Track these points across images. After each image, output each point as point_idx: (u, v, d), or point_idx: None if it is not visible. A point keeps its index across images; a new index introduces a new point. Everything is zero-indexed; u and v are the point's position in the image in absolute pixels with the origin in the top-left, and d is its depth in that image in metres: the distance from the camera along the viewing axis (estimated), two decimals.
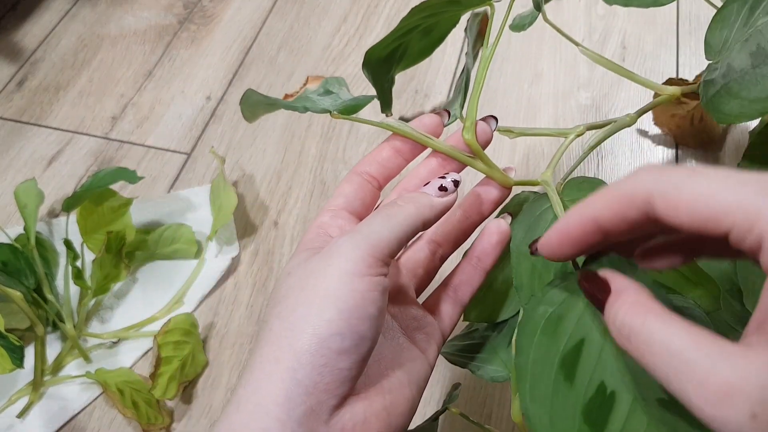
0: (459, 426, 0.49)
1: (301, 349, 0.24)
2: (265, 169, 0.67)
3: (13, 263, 0.55)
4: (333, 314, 0.24)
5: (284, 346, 0.24)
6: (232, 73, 0.76)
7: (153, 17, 0.83)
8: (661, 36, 0.72)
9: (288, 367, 0.24)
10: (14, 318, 0.54)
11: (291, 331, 0.24)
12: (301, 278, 0.26)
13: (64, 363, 0.55)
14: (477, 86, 0.31)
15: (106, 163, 0.69)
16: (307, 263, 0.26)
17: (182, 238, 0.60)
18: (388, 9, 0.80)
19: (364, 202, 0.31)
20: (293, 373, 0.23)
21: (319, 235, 0.29)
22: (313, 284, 0.25)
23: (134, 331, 0.56)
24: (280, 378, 0.24)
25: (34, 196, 0.58)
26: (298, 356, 0.24)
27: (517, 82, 0.70)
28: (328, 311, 0.24)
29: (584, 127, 0.37)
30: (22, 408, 0.53)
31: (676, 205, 0.19)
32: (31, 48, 0.81)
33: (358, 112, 0.35)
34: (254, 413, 0.23)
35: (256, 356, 0.25)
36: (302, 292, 0.25)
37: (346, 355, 0.24)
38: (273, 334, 0.25)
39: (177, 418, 0.52)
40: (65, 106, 0.74)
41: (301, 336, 0.24)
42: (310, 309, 0.24)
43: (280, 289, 0.27)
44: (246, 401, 0.24)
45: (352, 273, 0.25)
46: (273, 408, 0.23)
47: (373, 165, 0.32)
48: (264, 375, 0.24)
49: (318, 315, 0.24)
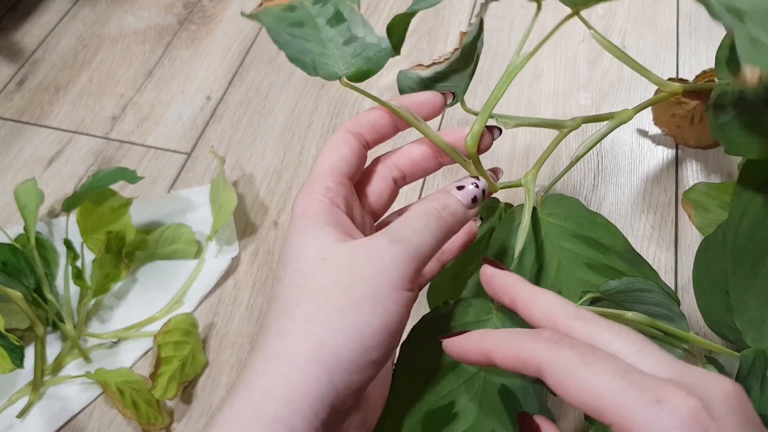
0: None
1: (342, 355, 0.23)
2: (265, 169, 0.67)
3: (13, 263, 0.55)
4: (380, 326, 0.24)
5: (326, 348, 0.24)
6: (232, 73, 0.76)
7: (153, 17, 0.83)
8: (661, 36, 0.72)
9: (326, 369, 0.23)
10: (14, 318, 0.54)
11: (334, 332, 0.24)
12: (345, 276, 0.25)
13: (64, 363, 0.55)
14: (494, 97, 0.30)
15: (106, 163, 0.69)
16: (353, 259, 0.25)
17: (182, 238, 0.60)
18: (388, 9, 0.80)
19: (359, 168, 0.31)
20: (330, 375, 0.23)
21: (332, 206, 0.27)
22: (363, 290, 0.24)
23: (134, 331, 0.56)
24: (316, 378, 0.23)
25: (34, 196, 0.58)
26: (339, 361, 0.23)
27: (517, 82, 0.70)
28: (375, 324, 0.24)
29: (581, 119, 0.36)
30: (22, 408, 0.53)
31: (565, 388, 0.21)
32: (31, 48, 0.81)
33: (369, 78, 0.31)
34: (282, 406, 0.23)
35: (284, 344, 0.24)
36: (348, 294, 0.24)
37: (377, 366, 0.25)
38: (310, 327, 0.24)
39: (177, 418, 0.52)
40: (65, 106, 0.74)
41: (346, 343, 0.24)
42: (357, 317, 0.24)
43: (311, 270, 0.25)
44: (275, 394, 0.23)
45: (400, 287, 0.25)
46: (304, 408, 0.23)
47: (366, 127, 0.31)
48: (298, 370, 0.23)
49: (367, 325, 0.24)
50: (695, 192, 0.57)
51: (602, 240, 0.36)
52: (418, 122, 0.30)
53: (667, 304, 0.32)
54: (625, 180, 0.61)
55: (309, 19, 0.32)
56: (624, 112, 0.37)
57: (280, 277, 0.26)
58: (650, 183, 0.61)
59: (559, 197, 0.37)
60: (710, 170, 0.61)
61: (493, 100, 0.30)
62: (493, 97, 0.30)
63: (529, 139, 0.65)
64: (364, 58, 0.31)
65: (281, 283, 0.26)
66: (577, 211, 0.36)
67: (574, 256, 0.35)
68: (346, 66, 0.31)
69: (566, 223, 0.35)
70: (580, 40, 0.73)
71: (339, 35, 0.31)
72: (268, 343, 0.24)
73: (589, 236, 0.36)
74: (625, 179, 0.61)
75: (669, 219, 0.58)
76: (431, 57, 0.73)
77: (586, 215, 0.36)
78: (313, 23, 0.32)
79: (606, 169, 0.62)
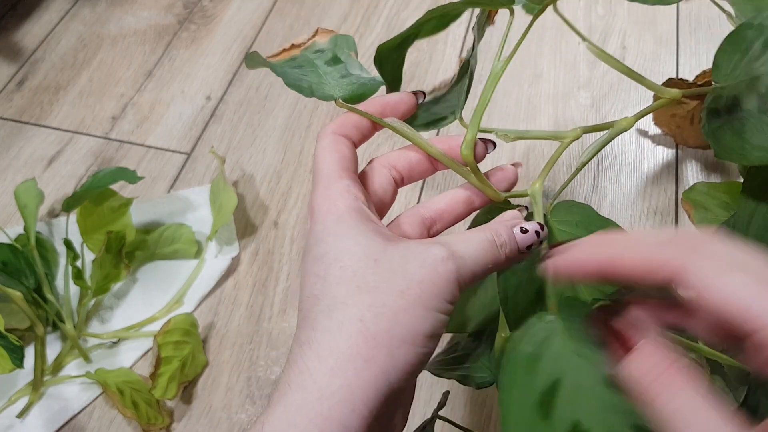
0: None
1: (397, 355, 0.24)
2: (265, 169, 0.67)
3: (13, 263, 0.55)
4: (428, 330, 0.24)
5: (381, 346, 0.24)
6: (232, 73, 0.76)
7: (153, 17, 0.83)
8: (661, 36, 0.72)
9: (383, 369, 0.24)
10: (14, 318, 0.54)
11: (388, 333, 0.24)
12: (399, 279, 0.25)
13: (64, 363, 0.55)
14: (482, 103, 0.31)
15: (106, 163, 0.69)
16: (405, 261, 0.25)
17: (182, 238, 0.60)
18: (388, 9, 0.80)
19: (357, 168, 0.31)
20: (386, 376, 0.24)
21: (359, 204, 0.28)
22: (416, 294, 0.25)
23: (134, 331, 0.56)
24: (373, 377, 0.23)
25: (34, 196, 0.58)
26: (394, 360, 0.24)
27: (517, 82, 0.70)
28: (425, 327, 0.24)
29: (581, 129, 0.36)
30: (22, 408, 0.53)
31: (708, 293, 0.20)
32: (31, 48, 0.81)
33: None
34: (340, 406, 0.23)
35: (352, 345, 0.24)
36: (402, 296, 0.25)
37: (422, 366, 0.25)
38: (366, 326, 0.24)
39: (177, 418, 0.52)
40: (65, 106, 0.74)
41: (400, 344, 0.24)
42: (411, 320, 0.24)
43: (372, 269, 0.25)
44: (331, 395, 0.23)
45: (445, 300, 0.25)
46: (361, 406, 0.23)
47: (351, 129, 0.31)
48: (356, 373, 0.23)
49: (418, 328, 0.24)
50: (695, 192, 0.57)
51: None
52: (413, 135, 0.31)
53: None
54: (625, 180, 0.61)
55: (308, 62, 0.35)
56: (624, 120, 0.37)
57: (323, 275, 0.26)
58: (650, 183, 0.61)
59: (570, 204, 0.36)
60: (710, 170, 0.61)
61: (480, 107, 0.31)
62: (481, 105, 0.31)
63: (529, 141, 0.65)
64: (359, 84, 0.33)
65: (326, 281, 0.26)
66: (588, 217, 0.36)
67: None
68: (342, 90, 0.33)
69: (577, 231, 0.35)
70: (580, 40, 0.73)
71: (336, 72, 0.34)
72: (317, 340, 0.24)
73: None
74: (625, 179, 0.61)
75: (669, 219, 0.58)
76: (428, 68, 0.73)
77: (598, 222, 0.36)
78: (312, 64, 0.35)
79: (606, 169, 0.62)
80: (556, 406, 0.26)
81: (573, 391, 0.27)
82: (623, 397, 0.26)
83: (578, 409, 0.26)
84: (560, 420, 0.26)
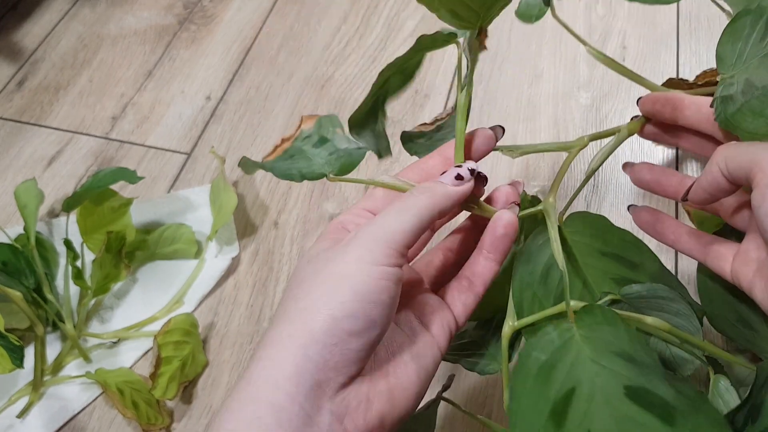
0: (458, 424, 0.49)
1: (314, 328, 0.25)
2: None
3: (13, 263, 0.55)
4: (348, 297, 0.25)
5: (298, 325, 0.25)
6: (232, 73, 0.76)
7: (153, 17, 0.83)
8: (661, 36, 0.72)
9: (300, 344, 0.24)
10: (14, 318, 0.54)
11: (306, 311, 0.25)
12: (319, 265, 0.27)
13: (64, 363, 0.55)
14: (459, 135, 0.31)
15: (106, 163, 0.69)
16: (326, 252, 0.27)
17: (182, 238, 0.60)
18: (388, 9, 0.80)
19: None
20: (305, 350, 0.24)
21: (338, 230, 0.30)
22: (331, 270, 0.26)
23: (134, 331, 0.56)
24: (291, 353, 0.24)
25: (34, 196, 0.58)
26: (311, 334, 0.25)
27: (517, 82, 0.70)
28: (344, 294, 0.25)
29: (587, 138, 0.37)
30: (22, 408, 0.53)
31: None
32: (31, 48, 0.81)
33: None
34: (264, 386, 0.24)
35: (270, 334, 0.26)
36: (318, 276, 0.26)
37: (357, 337, 0.25)
38: (288, 315, 0.26)
39: (177, 418, 0.52)
40: (65, 106, 0.74)
41: (316, 315, 0.25)
42: (326, 291, 0.25)
43: (298, 274, 0.27)
44: (257, 376, 0.25)
45: (368, 262, 0.26)
46: (283, 382, 0.24)
47: (415, 172, 0.32)
48: (276, 351, 0.25)
49: (333, 297, 0.25)
50: None
51: (630, 257, 0.35)
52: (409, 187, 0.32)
53: (688, 315, 0.32)
54: (625, 180, 0.61)
55: (298, 150, 0.38)
56: (632, 124, 0.37)
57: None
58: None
59: (584, 215, 0.36)
60: None
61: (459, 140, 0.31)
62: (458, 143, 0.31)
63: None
64: (346, 156, 0.36)
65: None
66: (603, 228, 0.36)
67: (602, 273, 0.35)
68: (330, 166, 0.36)
69: (592, 241, 0.35)
70: None
71: (324, 151, 0.37)
72: (265, 337, 0.26)
73: (617, 253, 0.35)
74: (625, 179, 0.61)
75: None
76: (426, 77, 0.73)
77: (614, 232, 0.36)
78: (301, 152, 0.38)
79: (606, 169, 0.62)
80: (569, 415, 0.26)
81: (588, 401, 0.26)
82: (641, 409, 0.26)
83: (592, 420, 0.26)
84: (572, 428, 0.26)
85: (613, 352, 0.27)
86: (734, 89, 0.31)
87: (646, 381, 0.26)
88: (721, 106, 0.31)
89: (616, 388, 0.26)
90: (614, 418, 0.26)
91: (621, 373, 0.27)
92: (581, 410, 0.26)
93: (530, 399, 0.27)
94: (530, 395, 0.27)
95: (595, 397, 0.26)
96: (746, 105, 0.30)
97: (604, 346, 0.27)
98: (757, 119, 0.29)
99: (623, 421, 0.25)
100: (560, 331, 0.29)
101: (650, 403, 0.26)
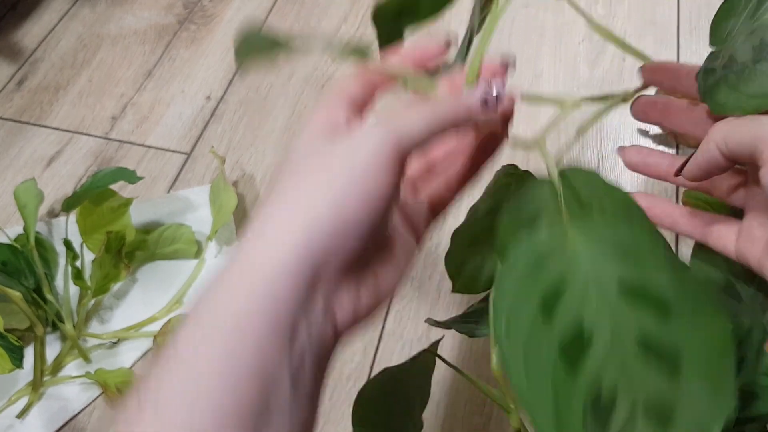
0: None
1: (318, 214, 0.25)
2: (265, 169, 0.67)
3: (12, 263, 0.55)
4: (351, 190, 0.25)
5: (301, 205, 0.25)
6: (232, 73, 0.76)
7: (153, 17, 0.83)
8: (661, 36, 0.72)
9: (304, 228, 0.25)
10: (14, 318, 0.54)
11: (307, 192, 0.25)
12: (325, 154, 0.27)
13: (64, 363, 0.55)
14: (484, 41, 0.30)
15: (105, 163, 0.69)
16: (333, 144, 0.27)
17: (182, 238, 0.60)
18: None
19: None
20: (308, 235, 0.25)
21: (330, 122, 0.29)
22: (339, 164, 0.26)
23: (134, 331, 0.56)
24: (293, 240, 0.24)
25: (33, 196, 0.58)
26: (319, 215, 0.25)
27: (517, 82, 0.70)
28: (349, 186, 0.25)
29: (581, 99, 0.37)
30: (21, 408, 0.53)
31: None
32: (31, 48, 0.81)
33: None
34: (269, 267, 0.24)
35: (269, 211, 0.26)
36: (323, 159, 0.26)
37: (357, 229, 0.25)
38: (287, 193, 0.26)
39: None
40: (65, 106, 0.74)
41: (321, 201, 0.25)
42: (334, 178, 0.26)
43: (297, 154, 0.27)
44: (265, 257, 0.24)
45: (375, 161, 0.26)
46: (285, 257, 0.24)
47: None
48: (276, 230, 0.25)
49: (337, 186, 0.25)
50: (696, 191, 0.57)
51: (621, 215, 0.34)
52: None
53: None
54: (625, 180, 0.61)
55: None
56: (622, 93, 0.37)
57: None
58: (650, 183, 0.61)
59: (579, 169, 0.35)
60: None
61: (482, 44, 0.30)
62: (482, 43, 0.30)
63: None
64: None
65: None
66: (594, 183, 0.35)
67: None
68: None
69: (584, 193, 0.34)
70: (580, 40, 0.73)
71: None
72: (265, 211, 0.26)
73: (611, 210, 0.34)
74: (625, 179, 0.61)
75: None
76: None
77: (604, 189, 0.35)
78: None
79: (606, 170, 0.62)
80: (560, 306, 0.25)
81: (581, 292, 0.26)
82: (635, 308, 0.25)
83: (583, 311, 0.25)
84: (563, 320, 0.25)
85: (610, 242, 0.27)
86: (717, 63, 0.31)
87: (642, 272, 0.26)
88: (703, 78, 0.31)
89: (609, 280, 0.26)
90: (606, 310, 0.25)
91: (615, 265, 0.26)
92: (573, 302, 0.25)
93: (519, 290, 0.26)
94: (519, 286, 0.26)
95: (590, 288, 0.26)
96: (724, 78, 0.30)
97: (600, 236, 0.27)
98: (731, 93, 0.29)
99: (616, 313, 0.25)
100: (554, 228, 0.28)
101: (644, 296, 0.25)
